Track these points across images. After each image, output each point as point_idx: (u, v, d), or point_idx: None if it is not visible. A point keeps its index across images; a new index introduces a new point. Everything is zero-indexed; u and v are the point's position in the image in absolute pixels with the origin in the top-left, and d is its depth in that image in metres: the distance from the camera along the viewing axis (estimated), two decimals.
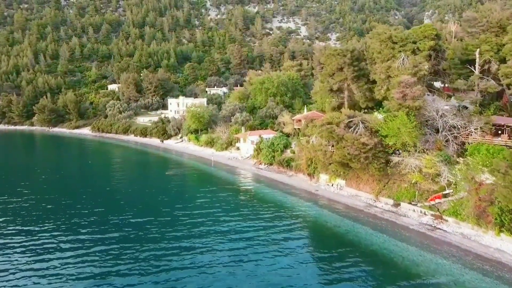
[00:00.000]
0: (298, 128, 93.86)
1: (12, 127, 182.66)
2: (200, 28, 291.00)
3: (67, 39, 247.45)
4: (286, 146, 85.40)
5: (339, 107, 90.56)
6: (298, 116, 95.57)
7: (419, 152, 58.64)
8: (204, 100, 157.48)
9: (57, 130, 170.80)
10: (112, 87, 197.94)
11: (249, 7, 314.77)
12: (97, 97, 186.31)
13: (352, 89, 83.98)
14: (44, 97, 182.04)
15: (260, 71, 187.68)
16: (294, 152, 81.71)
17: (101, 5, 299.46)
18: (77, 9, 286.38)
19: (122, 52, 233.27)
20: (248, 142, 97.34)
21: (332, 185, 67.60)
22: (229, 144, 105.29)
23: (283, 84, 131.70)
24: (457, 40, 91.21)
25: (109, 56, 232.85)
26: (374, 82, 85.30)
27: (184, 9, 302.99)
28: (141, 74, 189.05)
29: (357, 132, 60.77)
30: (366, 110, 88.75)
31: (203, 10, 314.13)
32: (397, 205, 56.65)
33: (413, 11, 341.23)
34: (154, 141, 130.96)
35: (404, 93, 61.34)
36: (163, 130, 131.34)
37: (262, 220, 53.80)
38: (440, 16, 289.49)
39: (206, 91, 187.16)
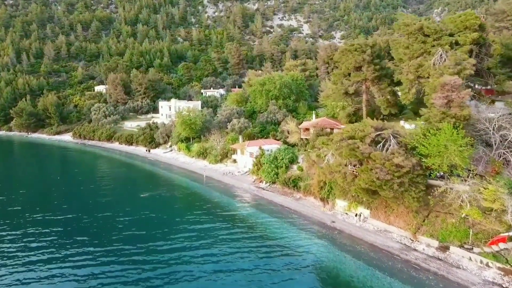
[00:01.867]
0: (306, 139, 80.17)
1: None
2: (196, 26, 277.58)
3: (54, 37, 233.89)
4: (292, 160, 71.69)
5: (355, 114, 77.02)
6: (305, 124, 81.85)
7: (472, 176, 44.88)
8: (199, 103, 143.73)
9: (36, 136, 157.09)
10: (100, 88, 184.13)
11: (248, 4, 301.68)
12: (82, 100, 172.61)
13: (373, 92, 70.33)
14: (24, 99, 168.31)
15: (260, 71, 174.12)
16: (302, 169, 67.99)
17: (92, 2, 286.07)
18: (66, 5, 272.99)
19: (112, 51, 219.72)
20: (246, 154, 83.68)
21: (354, 215, 53.78)
22: (225, 155, 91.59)
23: (286, 85, 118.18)
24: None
25: (98, 55, 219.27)
26: (398, 83, 71.78)
27: (180, 6, 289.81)
28: (131, 75, 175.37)
29: (388, 149, 47.07)
30: (387, 118, 75.11)
31: (200, 7, 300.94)
32: (444, 248, 42.96)
33: (420, 8, 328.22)
34: (141, 150, 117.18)
35: (449, 99, 47.70)
36: (151, 137, 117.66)
37: (260, 269, 40.33)
38: (450, 14, 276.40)
39: (202, 93, 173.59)
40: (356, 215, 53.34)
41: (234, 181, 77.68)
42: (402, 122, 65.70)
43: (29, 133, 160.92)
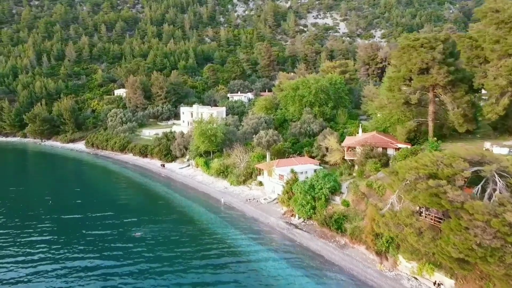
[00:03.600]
0: (351, 160, 64.14)
1: (3, 139, 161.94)
2: (225, 25, 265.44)
3: (77, 38, 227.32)
4: (334, 190, 55.83)
5: (416, 130, 60.22)
6: (350, 141, 65.62)
7: None
8: (223, 109, 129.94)
9: (49, 143, 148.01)
10: (119, 92, 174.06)
11: (280, 2, 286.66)
12: (100, 104, 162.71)
13: (445, 102, 53.52)
14: (39, 104, 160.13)
15: (292, 73, 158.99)
16: (347, 204, 52.13)
17: (118, 1, 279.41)
18: (91, 5, 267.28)
19: (135, 52, 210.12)
20: (275, 177, 68.49)
21: (432, 284, 37.49)
22: (249, 176, 76.77)
23: (323, 90, 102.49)
24: None
25: (121, 56, 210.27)
26: (476, 90, 54.74)
27: (209, 5, 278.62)
28: (151, 77, 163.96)
29: (492, 197, 30.75)
30: (460, 135, 57.92)
31: (229, 6, 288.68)
32: None
33: (469, 4, 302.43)
34: (155, 163, 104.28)
35: None
36: (167, 149, 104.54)
37: None
38: None
39: (228, 98, 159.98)
40: (434, 284, 37.04)
41: (258, 212, 62.62)
42: (487, 145, 48.73)
43: (43, 140, 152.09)
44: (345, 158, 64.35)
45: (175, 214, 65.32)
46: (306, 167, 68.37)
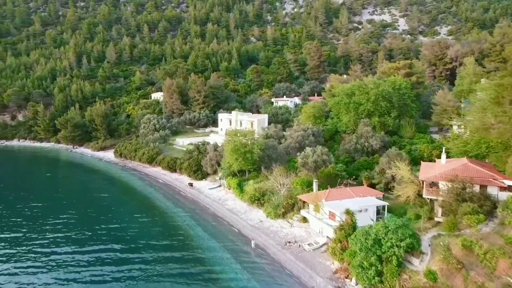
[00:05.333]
0: (431, 200, 46.55)
1: (37, 144, 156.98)
2: (272, 24, 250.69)
3: (118, 39, 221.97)
4: (411, 248, 38.56)
5: None
6: (430, 172, 47.79)
7: None
8: (265, 117, 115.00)
9: (80, 150, 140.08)
10: (156, 96, 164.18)
11: None
12: (136, 109, 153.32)
13: None
14: (73, 108, 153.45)
15: (345, 75, 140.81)
16: (434, 277, 34.83)
17: (162, 1, 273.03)
18: (135, 6, 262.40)
19: (176, 53, 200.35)
20: (323, 214, 52.27)
21: None
22: (290, 207, 60.82)
23: (384, 96, 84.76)
24: None
25: (162, 58, 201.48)
26: None
27: (255, 3, 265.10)
28: (189, 80, 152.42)
29: None
30: None
31: (277, 4, 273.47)
32: None
33: None
34: (184, 180, 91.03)
35: None
36: (197, 164, 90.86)
37: None
38: None
39: (272, 102, 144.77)
40: None
41: (300, 265, 46.66)
42: None
43: (75, 147, 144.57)
44: (425, 196, 46.67)
45: (191, 262, 50.82)
46: (366, 203, 51.68)
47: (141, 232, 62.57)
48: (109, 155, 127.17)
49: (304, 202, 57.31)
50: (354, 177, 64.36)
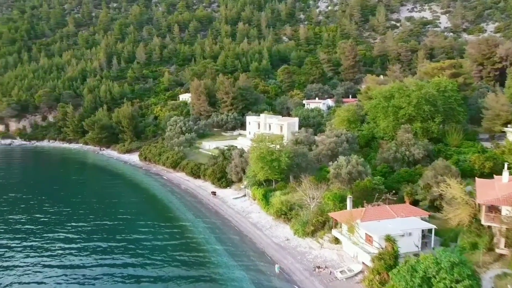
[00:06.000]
0: (490, 226, 38.93)
1: (66, 145, 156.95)
2: (305, 23, 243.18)
3: (149, 40, 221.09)
4: None
5: None
6: (489, 193, 40.07)
7: None
8: (295, 121, 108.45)
9: (107, 152, 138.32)
10: (184, 97, 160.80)
11: None
12: (163, 111, 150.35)
13: None
14: (101, 109, 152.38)
15: (383, 76, 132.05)
16: None
17: (194, 1, 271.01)
18: (166, 6, 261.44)
19: (206, 54, 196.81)
20: (359, 236, 45.57)
21: None
22: (320, 225, 54.33)
23: (428, 100, 76.55)
24: None
25: (191, 58, 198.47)
26: None
27: (288, 1, 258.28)
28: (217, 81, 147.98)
29: None
30: None
31: (310, 2, 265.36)
32: None
33: None
34: (208, 187, 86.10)
35: None
36: (221, 171, 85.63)
37: None
38: None
39: (303, 105, 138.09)
40: None
41: None
42: None
43: (101, 149, 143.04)
44: (484, 223, 39.09)
45: (207, 283, 45.50)
46: (409, 225, 44.63)
47: (157, 245, 58.10)
48: (135, 158, 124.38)
49: (336, 221, 50.67)
50: (393, 191, 57.05)
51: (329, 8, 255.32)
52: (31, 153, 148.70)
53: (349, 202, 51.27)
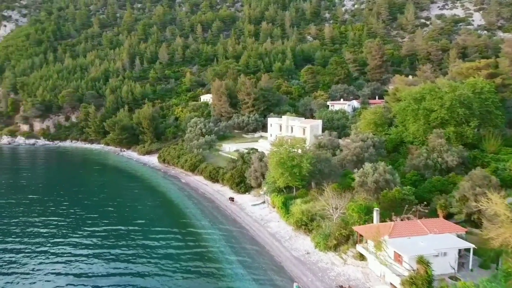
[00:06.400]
0: None
1: (88, 145, 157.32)
2: (330, 22, 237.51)
3: (172, 40, 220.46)
4: None
5: None
6: None
7: None
8: (319, 123, 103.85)
9: (127, 154, 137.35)
10: (206, 98, 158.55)
11: None
12: (184, 112, 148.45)
13: None
14: (122, 109, 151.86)
15: (412, 76, 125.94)
16: None
17: (217, 1, 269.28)
18: (190, 6, 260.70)
19: (229, 54, 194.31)
20: (386, 254, 41.20)
21: None
22: (344, 239, 50.06)
23: (463, 102, 70.97)
24: None
25: (213, 58, 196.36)
26: None
27: (313, 0, 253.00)
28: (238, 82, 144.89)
29: None
30: None
31: (336, 0, 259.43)
32: None
33: None
34: (226, 192, 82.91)
35: None
36: (240, 176, 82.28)
37: None
38: None
39: (327, 106, 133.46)
40: None
41: None
42: None
43: (122, 150, 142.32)
44: None
45: None
46: (444, 243, 40.04)
47: (170, 254, 55.27)
48: (154, 159, 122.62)
49: (362, 236, 46.39)
50: (425, 203, 52.20)
51: (356, 6, 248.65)
52: (53, 154, 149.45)
53: (375, 215, 46.88)
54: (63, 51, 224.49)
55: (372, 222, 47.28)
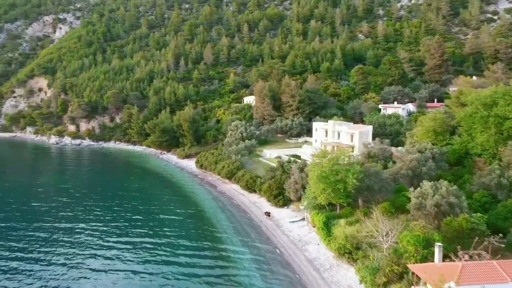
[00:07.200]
0: None
1: (130, 147, 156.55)
2: (384, 19, 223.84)
3: (218, 40, 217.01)
4: None
5: None
6: None
7: None
8: (369, 129, 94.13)
9: (167, 157, 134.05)
10: (249, 99, 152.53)
11: None
12: (226, 114, 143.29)
13: None
14: (163, 111, 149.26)
15: (476, 77, 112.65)
16: None
17: (265, 0, 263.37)
18: (237, 5, 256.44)
19: (275, 53, 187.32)
20: None
21: None
22: (396, 276, 41.11)
23: None
24: None
25: (259, 58, 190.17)
26: None
27: None
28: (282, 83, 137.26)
29: None
30: None
31: None
32: None
33: None
34: (263, 204, 75.88)
35: None
36: (278, 187, 74.93)
37: None
38: None
39: (379, 110, 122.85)
40: None
41: None
42: None
43: (162, 153, 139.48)
44: None
45: None
46: None
47: (194, 277, 49.17)
48: (192, 164, 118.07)
49: (425, 279, 37.45)
50: (500, 235, 42.23)
51: (413, 1, 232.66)
52: (95, 155, 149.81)
53: (437, 252, 37.72)
54: (111, 52, 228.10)
55: (433, 260, 38.25)
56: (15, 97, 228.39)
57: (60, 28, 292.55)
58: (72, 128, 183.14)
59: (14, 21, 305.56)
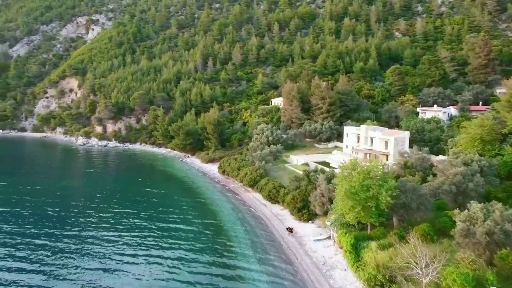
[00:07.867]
0: None
1: (155, 149, 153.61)
2: (423, 16, 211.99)
3: (247, 40, 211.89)
4: None
5: None
6: None
7: None
8: (406, 135, 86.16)
9: (191, 160, 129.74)
10: (277, 101, 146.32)
11: None
12: (253, 116, 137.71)
13: None
14: (188, 113, 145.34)
15: None
16: None
17: None
18: (268, 4, 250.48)
19: (306, 53, 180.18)
20: None
21: None
22: None
23: None
24: None
25: (289, 58, 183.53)
26: None
27: None
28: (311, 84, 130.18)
29: None
30: None
31: None
32: None
33: None
34: (285, 217, 69.66)
35: None
36: (303, 200, 68.48)
37: None
38: None
39: (417, 113, 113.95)
40: None
41: None
42: None
43: (186, 156, 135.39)
44: None
45: None
46: None
47: None
48: (215, 169, 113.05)
49: None
50: None
51: None
52: (120, 157, 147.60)
53: None
54: (140, 53, 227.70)
55: None
56: (47, 97, 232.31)
57: (93, 29, 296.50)
58: (99, 129, 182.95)
59: (50, 23, 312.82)
